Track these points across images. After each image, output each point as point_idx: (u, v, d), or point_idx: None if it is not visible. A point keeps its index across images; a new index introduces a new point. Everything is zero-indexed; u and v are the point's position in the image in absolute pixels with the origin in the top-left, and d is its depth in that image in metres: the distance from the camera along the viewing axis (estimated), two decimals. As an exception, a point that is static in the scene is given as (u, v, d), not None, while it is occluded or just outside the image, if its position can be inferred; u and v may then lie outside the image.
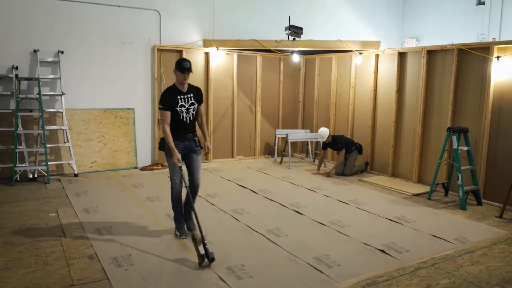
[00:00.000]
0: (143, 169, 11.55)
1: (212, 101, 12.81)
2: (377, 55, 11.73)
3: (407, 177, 11.00)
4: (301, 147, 14.91)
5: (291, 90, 14.53)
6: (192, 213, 6.66)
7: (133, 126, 11.68)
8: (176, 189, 6.67)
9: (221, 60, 12.94)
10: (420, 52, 10.52)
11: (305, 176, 11.47)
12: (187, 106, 6.57)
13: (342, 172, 11.50)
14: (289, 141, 12.70)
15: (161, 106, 6.42)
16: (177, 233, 6.79)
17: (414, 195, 9.70)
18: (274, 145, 13.93)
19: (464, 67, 9.56)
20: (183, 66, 6.44)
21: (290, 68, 14.40)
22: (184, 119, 6.56)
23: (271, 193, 9.60)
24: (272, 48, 12.18)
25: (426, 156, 10.54)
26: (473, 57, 9.37)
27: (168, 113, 6.41)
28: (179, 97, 6.52)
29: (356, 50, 12.08)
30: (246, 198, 9.20)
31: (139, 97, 11.77)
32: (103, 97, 11.35)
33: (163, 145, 6.67)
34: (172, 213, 7.11)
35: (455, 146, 8.90)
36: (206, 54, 12.65)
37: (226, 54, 13.00)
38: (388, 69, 11.39)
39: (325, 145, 11.76)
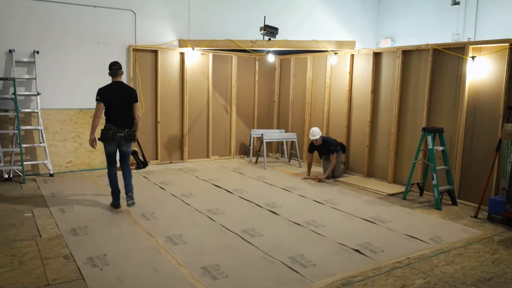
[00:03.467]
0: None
1: (187, 101, 12.75)
2: (352, 55, 11.74)
3: (383, 177, 11.03)
4: (276, 147, 14.90)
5: (267, 90, 14.52)
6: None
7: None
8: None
9: (197, 60, 12.89)
10: (395, 52, 10.55)
11: (281, 176, 11.46)
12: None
13: (333, 175, 11.37)
14: (264, 141, 12.67)
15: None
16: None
17: (389, 195, 9.73)
18: (250, 145, 13.92)
19: (439, 67, 9.61)
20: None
21: (266, 68, 14.38)
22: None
23: (246, 193, 9.58)
24: (247, 48, 12.14)
25: (401, 156, 10.57)
26: (448, 57, 9.41)
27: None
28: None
29: (332, 50, 12.09)
30: (221, 198, 9.17)
31: None
32: (79, 97, 11.22)
33: (134, 135, 8.21)
34: (147, 213, 7.15)
35: (430, 146, 8.93)
36: (182, 54, 12.60)
37: (202, 54, 12.95)
38: (364, 69, 11.40)
39: (313, 147, 11.28)
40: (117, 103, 8.00)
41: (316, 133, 10.91)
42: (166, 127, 12.61)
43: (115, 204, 8.25)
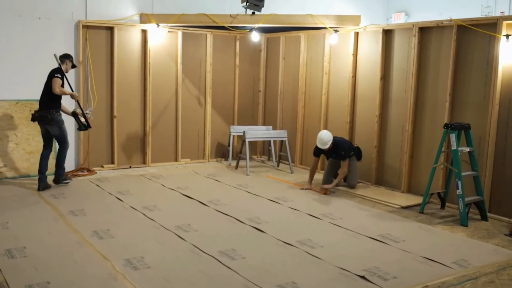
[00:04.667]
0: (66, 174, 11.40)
1: (150, 90, 12.73)
2: (357, 33, 11.75)
3: (394, 185, 11.04)
4: (262, 148, 14.94)
5: (250, 77, 14.54)
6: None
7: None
8: (68, 145, 10.60)
9: (162, 40, 12.87)
10: (410, 29, 10.54)
11: (267, 184, 11.45)
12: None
13: (348, 184, 11.18)
14: (247, 140, 12.63)
15: (59, 76, 10.07)
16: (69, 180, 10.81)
17: (403, 207, 9.74)
18: (229, 145, 13.88)
19: (465, 48, 9.62)
20: (74, 64, 10.56)
21: (249, 50, 14.40)
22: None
23: (224, 205, 9.56)
24: (226, 25, 12.10)
25: (418, 159, 10.59)
26: (476, 36, 9.42)
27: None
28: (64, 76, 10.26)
29: (331, 27, 12.07)
30: (193, 212, 9.16)
31: None
32: (15, 86, 11.19)
33: (49, 117, 10.20)
34: (100, 230, 7.12)
35: (454, 147, 8.93)
36: (144, 32, 12.57)
37: (169, 32, 12.92)
38: (371, 51, 11.42)
39: (320, 150, 10.97)
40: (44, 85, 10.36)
41: (326, 140, 10.58)
42: (124, 123, 12.58)
43: (39, 187, 10.26)
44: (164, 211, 9.12)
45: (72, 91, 10.65)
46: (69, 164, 11.74)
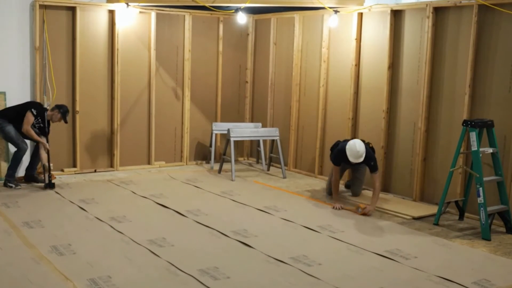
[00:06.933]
0: (20, 180, 11.42)
1: (119, 81, 12.71)
2: (361, 15, 11.75)
3: (405, 192, 11.06)
4: (249, 149, 14.97)
5: (235, 65, 14.57)
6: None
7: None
8: (24, 149, 11.12)
9: (133, 22, 12.84)
10: (423, 9, 10.55)
11: (256, 191, 11.48)
12: (36, 126, 11.12)
13: (352, 191, 11.11)
14: (232, 139, 12.65)
15: (35, 113, 10.96)
16: (12, 185, 11.05)
17: (414, 218, 9.74)
18: (210, 146, 13.89)
19: (487, 32, 9.62)
20: (66, 119, 11.32)
21: (234, 34, 14.41)
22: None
23: (205, 215, 9.56)
24: (207, 4, 12.07)
25: (432, 161, 10.61)
26: (501, 17, 9.42)
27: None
28: (40, 119, 11.07)
29: (330, 7, 12.04)
30: (169, 224, 9.17)
31: (12, 75, 11.61)
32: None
33: None
34: (60, 245, 7.19)
35: (474, 148, 8.92)
36: (111, 12, 12.53)
37: (140, 12, 12.89)
38: (377, 35, 11.42)
39: (343, 159, 10.36)
40: None
41: (362, 152, 9.99)
42: (89, 119, 12.55)
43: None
44: (134, 222, 9.10)
45: (47, 136, 11.30)
46: (25, 168, 11.74)
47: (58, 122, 11.31)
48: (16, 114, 10.97)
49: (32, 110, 10.89)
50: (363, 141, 10.35)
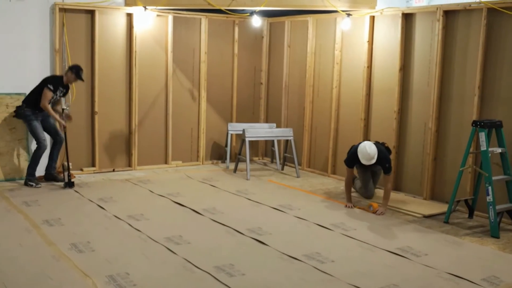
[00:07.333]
0: (40, 179, 11.47)
1: (137, 82, 12.73)
2: (373, 18, 11.75)
3: (415, 191, 11.04)
4: (264, 149, 14.96)
5: (250, 67, 14.55)
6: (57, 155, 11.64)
7: (24, 118, 11.45)
8: (45, 147, 11.17)
9: (151, 25, 12.86)
10: (433, 13, 10.54)
11: (270, 190, 11.48)
12: (59, 96, 11.36)
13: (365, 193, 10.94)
14: (247, 140, 12.66)
15: (51, 87, 10.94)
16: (33, 184, 11.12)
17: (425, 216, 9.74)
18: (226, 146, 13.90)
19: (496, 35, 9.61)
20: (80, 75, 11.16)
21: (249, 36, 14.41)
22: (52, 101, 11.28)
23: (221, 214, 9.56)
24: (223, 8, 12.07)
25: (442, 161, 10.60)
26: (509, 20, 9.40)
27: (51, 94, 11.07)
28: (60, 88, 11.22)
29: (343, 11, 12.04)
30: (186, 222, 9.17)
31: (33, 77, 11.48)
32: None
33: (21, 113, 11.07)
34: (79, 243, 7.23)
35: (483, 147, 8.92)
36: (129, 16, 12.55)
37: (158, 16, 12.91)
38: (389, 37, 11.41)
39: (356, 161, 10.21)
40: None
41: (373, 154, 9.91)
42: (107, 120, 12.57)
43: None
44: (152, 220, 9.12)
45: (64, 111, 11.36)
46: (44, 167, 11.77)
47: (75, 82, 11.35)
48: (35, 96, 10.98)
49: (49, 86, 10.90)
50: (380, 142, 10.43)
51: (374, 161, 9.87)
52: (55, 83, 11.01)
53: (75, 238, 8.03)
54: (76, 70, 11.09)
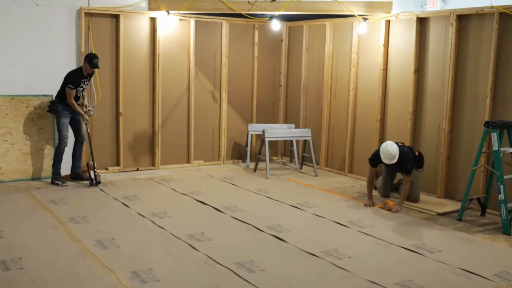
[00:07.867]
0: (66, 178, 11.54)
1: (160, 84, 12.77)
2: (388, 22, 11.75)
3: (429, 189, 11.03)
4: (283, 149, 14.96)
5: (270, 69, 14.55)
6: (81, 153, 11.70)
7: (52, 119, 11.59)
8: (65, 144, 11.24)
9: (173, 29, 12.89)
10: (447, 17, 10.53)
11: (289, 188, 11.49)
12: (84, 87, 11.29)
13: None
14: (267, 140, 12.67)
15: (72, 86, 10.91)
16: (59, 182, 11.18)
17: (439, 214, 9.74)
18: (246, 145, 13.92)
19: (508, 38, 9.59)
20: (94, 63, 10.97)
21: (269, 40, 14.41)
22: (78, 95, 11.25)
23: (241, 211, 9.59)
24: (243, 12, 12.10)
25: (455, 160, 10.59)
26: (520, 25, 9.43)
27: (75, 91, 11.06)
28: (82, 80, 11.14)
29: (359, 15, 12.05)
30: (207, 219, 9.19)
31: (59, 80, 11.40)
32: (10, 80, 11.22)
33: (54, 108, 11.17)
34: (104, 239, 7.20)
35: (495, 147, 8.91)
36: (152, 20, 12.60)
37: (180, 20, 12.94)
38: (404, 41, 11.41)
39: (379, 161, 10.24)
40: None
41: (395, 154, 9.84)
42: (131, 120, 12.63)
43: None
44: (175, 218, 9.15)
45: (89, 112, 11.45)
46: (69, 166, 11.86)
47: (92, 70, 11.18)
48: (64, 92, 10.97)
49: (69, 85, 10.86)
50: (406, 146, 10.50)
51: (395, 160, 9.83)
52: (75, 80, 10.95)
53: (100, 235, 8.08)
54: (89, 59, 11.00)
